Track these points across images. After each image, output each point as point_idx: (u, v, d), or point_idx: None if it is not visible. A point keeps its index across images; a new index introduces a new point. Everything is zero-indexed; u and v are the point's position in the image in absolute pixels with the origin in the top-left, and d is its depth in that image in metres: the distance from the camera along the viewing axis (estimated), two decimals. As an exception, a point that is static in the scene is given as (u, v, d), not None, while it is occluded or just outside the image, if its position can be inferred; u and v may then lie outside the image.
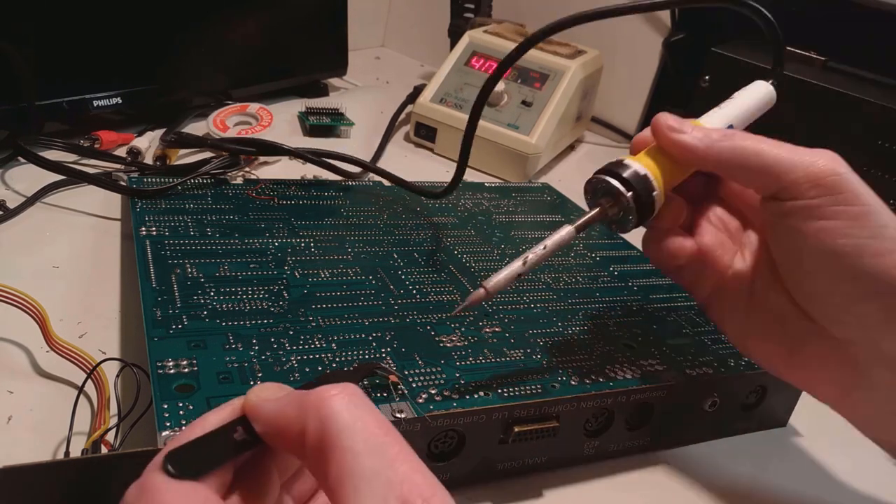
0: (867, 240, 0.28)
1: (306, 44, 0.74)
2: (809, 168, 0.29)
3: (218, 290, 0.36)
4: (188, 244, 0.40)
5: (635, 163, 0.32)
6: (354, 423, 0.19)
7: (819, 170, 0.29)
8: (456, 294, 0.40)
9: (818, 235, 0.29)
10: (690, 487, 0.35)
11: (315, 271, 0.40)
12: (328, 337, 0.34)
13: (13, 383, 0.34)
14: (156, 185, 0.46)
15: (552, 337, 0.38)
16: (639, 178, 0.31)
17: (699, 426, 0.37)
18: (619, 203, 0.32)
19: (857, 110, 0.57)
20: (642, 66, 0.80)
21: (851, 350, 0.30)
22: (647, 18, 0.78)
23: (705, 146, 0.31)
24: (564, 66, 0.68)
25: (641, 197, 0.31)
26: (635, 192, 0.31)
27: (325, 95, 0.76)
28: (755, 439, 0.39)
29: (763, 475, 0.37)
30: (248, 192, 0.48)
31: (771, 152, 0.30)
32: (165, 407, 0.28)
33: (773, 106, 0.36)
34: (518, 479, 0.33)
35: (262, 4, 0.68)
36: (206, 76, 0.65)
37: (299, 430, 0.20)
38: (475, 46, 0.71)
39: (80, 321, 0.38)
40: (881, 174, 0.56)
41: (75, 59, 0.55)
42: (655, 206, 0.32)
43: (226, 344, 0.32)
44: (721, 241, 0.34)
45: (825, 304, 0.30)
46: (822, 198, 0.28)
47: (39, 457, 0.30)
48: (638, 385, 0.34)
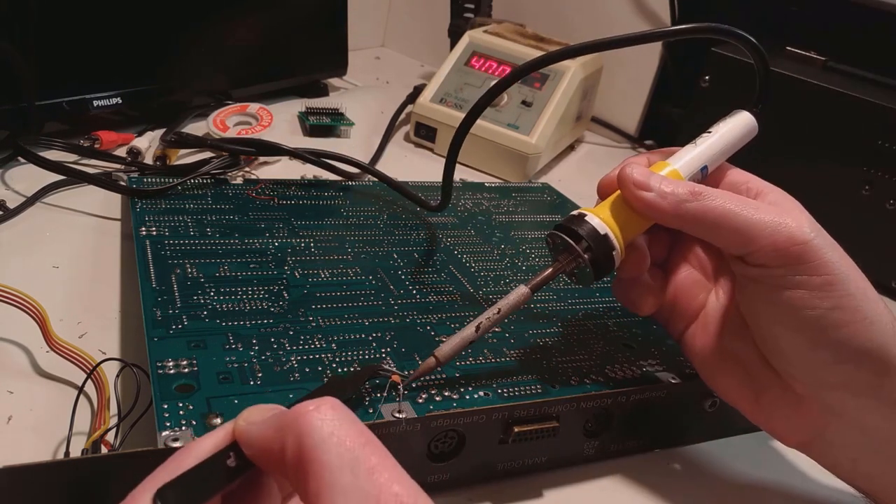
0: (829, 311, 0.28)
1: (306, 44, 0.74)
2: (774, 236, 0.29)
3: (218, 290, 0.36)
4: (188, 244, 0.40)
5: (595, 218, 0.31)
6: (330, 437, 0.19)
7: (785, 238, 0.29)
8: (456, 294, 0.40)
9: (781, 304, 0.29)
10: (690, 487, 0.35)
11: (315, 271, 0.40)
12: (328, 337, 0.34)
13: (13, 383, 0.34)
14: (156, 185, 0.46)
15: (552, 337, 0.38)
16: (598, 237, 0.31)
17: (699, 426, 0.37)
18: (577, 262, 0.31)
19: (857, 110, 0.57)
20: (642, 66, 0.80)
21: (813, 405, 0.31)
22: (647, 18, 0.78)
23: (672, 207, 0.30)
24: (564, 66, 0.68)
25: (599, 258, 0.31)
26: (593, 253, 0.31)
27: (325, 95, 0.76)
28: (755, 439, 0.39)
29: (763, 475, 0.37)
30: (248, 192, 0.48)
31: (739, 216, 0.29)
32: (165, 407, 0.28)
33: (773, 106, 0.36)
34: (518, 479, 0.33)
35: (262, 4, 0.68)
36: (206, 76, 0.65)
37: (280, 449, 0.20)
38: (475, 46, 0.71)
39: (80, 321, 0.38)
40: (881, 174, 0.56)
41: (75, 59, 0.55)
42: (615, 263, 0.32)
43: (226, 344, 0.32)
44: (695, 279, 0.34)
45: (787, 363, 0.30)
46: (785, 267, 0.29)
47: (39, 457, 0.30)
48: (638, 385, 0.34)
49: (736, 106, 0.36)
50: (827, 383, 0.30)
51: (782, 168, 0.61)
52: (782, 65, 0.61)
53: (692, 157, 0.33)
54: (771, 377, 0.31)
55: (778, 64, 0.61)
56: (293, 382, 0.31)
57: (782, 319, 0.29)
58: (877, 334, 0.28)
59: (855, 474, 0.32)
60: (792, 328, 0.29)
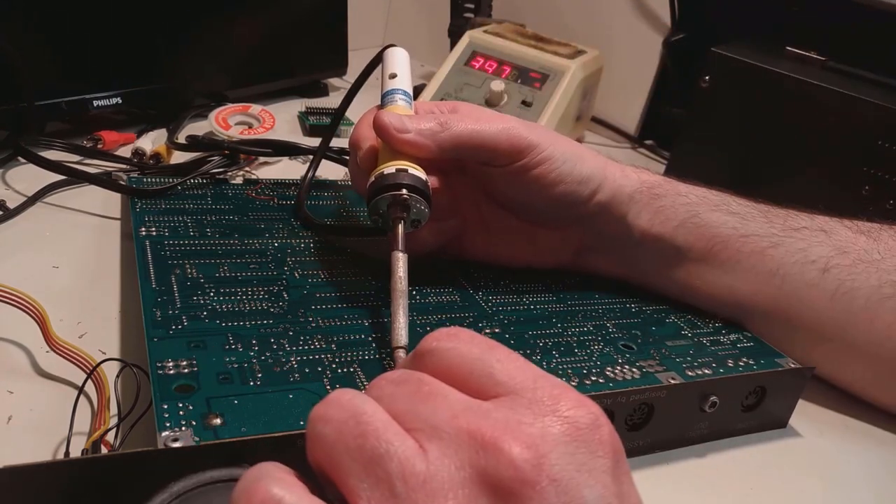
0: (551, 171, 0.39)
1: (306, 44, 0.74)
2: (511, 140, 0.38)
3: (218, 290, 0.36)
4: (188, 244, 0.40)
5: (384, 169, 0.36)
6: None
7: (516, 136, 0.38)
8: (455, 296, 0.40)
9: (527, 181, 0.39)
10: (690, 488, 0.35)
11: (315, 272, 0.40)
12: (328, 337, 0.34)
13: (13, 383, 0.34)
14: (156, 185, 0.46)
15: (552, 338, 0.38)
16: (402, 174, 0.36)
17: (699, 426, 0.37)
18: (407, 204, 0.35)
19: (857, 110, 0.57)
20: (642, 66, 0.80)
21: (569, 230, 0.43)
22: (647, 18, 0.78)
23: (432, 141, 0.37)
24: (564, 66, 0.68)
25: (418, 186, 0.36)
26: (409, 188, 0.35)
27: (325, 95, 0.76)
28: (755, 439, 0.39)
29: (763, 475, 0.37)
30: (248, 192, 0.48)
31: (483, 132, 0.37)
32: (165, 407, 0.28)
33: (774, 106, 0.36)
34: (518, 480, 0.33)
35: (262, 4, 0.68)
36: (206, 76, 0.65)
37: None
38: (475, 46, 0.71)
39: (80, 321, 0.38)
40: (881, 174, 0.56)
41: (75, 59, 0.56)
42: (428, 183, 0.37)
43: (226, 344, 0.32)
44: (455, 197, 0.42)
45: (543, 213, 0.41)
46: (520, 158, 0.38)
47: (39, 457, 0.30)
48: (638, 385, 0.34)
49: (736, 106, 0.36)
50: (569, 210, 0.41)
51: (783, 168, 0.61)
52: (782, 65, 0.61)
53: (407, 96, 0.40)
54: (535, 229, 0.42)
55: (778, 64, 0.61)
56: (293, 383, 0.31)
57: (528, 189, 0.39)
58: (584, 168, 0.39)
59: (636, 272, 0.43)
60: (535, 191, 0.39)
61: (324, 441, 0.20)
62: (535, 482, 0.19)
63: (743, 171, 0.64)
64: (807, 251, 0.40)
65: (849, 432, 0.41)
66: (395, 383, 0.22)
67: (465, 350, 0.22)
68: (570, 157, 0.39)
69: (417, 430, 0.20)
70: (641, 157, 0.79)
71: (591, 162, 0.40)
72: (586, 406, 0.21)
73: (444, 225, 0.42)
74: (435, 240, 0.41)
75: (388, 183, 0.35)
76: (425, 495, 0.19)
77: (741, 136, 0.64)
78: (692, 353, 0.38)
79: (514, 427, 0.20)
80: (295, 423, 0.28)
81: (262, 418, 0.28)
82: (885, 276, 0.39)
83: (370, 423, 0.20)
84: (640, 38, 0.79)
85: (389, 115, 0.37)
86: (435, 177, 0.40)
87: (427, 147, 0.37)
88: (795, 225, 0.41)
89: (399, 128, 0.36)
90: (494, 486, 0.19)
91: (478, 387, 0.21)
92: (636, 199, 0.41)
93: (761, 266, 0.41)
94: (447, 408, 0.20)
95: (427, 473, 0.19)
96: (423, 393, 0.21)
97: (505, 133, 0.38)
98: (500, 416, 0.20)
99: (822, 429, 0.40)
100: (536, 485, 0.19)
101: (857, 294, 0.39)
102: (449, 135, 0.37)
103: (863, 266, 0.40)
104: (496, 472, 0.19)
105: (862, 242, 0.41)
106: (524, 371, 0.22)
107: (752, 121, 0.63)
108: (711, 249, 0.41)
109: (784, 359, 0.39)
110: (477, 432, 0.19)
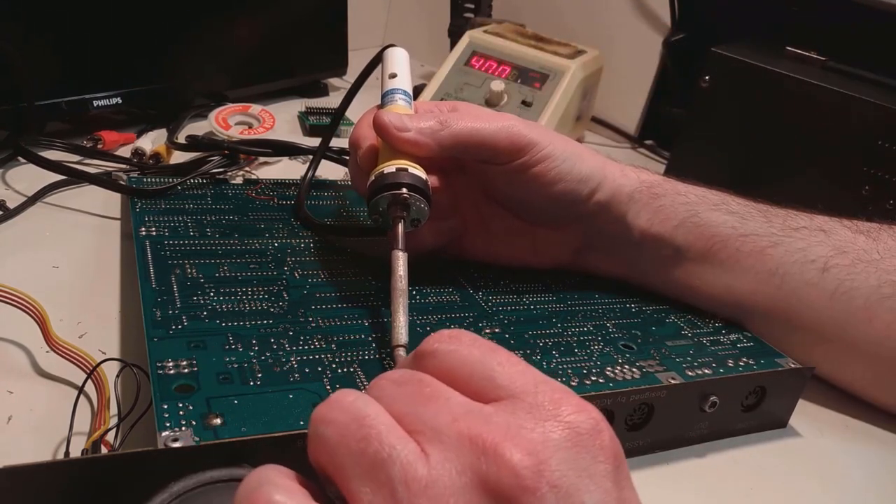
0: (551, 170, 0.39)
1: (306, 44, 0.74)
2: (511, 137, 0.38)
3: (218, 290, 0.36)
4: (188, 244, 0.40)
5: (383, 168, 0.36)
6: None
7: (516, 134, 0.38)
8: (456, 296, 0.40)
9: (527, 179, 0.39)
10: (690, 488, 0.35)
11: (315, 272, 0.40)
12: (328, 337, 0.34)
13: (13, 383, 0.34)
14: (155, 185, 0.46)
15: (552, 338, 0.38)
16: (402, 174, 0.36)
17: (699, 426, 0.37)
18: (407, 202, 0.35)
19: (857, 110, 0.57)
20: (642, 66, 0.80)
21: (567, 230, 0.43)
22: (647, 18, 0.78)
23: (432, 140, 0.37)
24: (564, 66, 0.68)
25: (417, 185, 0.35)
26: (409, 187, 0.35)
27: (325, 95, 0.76)
28: (755, 439, 0.39)
29: (763, 475, 0.37)
30: (248, 192, 0.48)
31: (483, 130, 0.37)
32: (165, 407, 0.28)
33: (774, 106, 0.36)
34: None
35: (262, 4, 0.68)
36: (206, 76, 0.65)
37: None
38: (475, 46, 0.71)
39: (80, 321, 0.38)
40: (881, 174, 0.56)
41: (75, 58, 0.56)
42: (428, 182, 0.37)
43: (226, 344, 0.32)
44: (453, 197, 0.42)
45: (541, 212, 0.41)
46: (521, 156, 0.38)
47: (39, 457, 0.30)
48: (638, 385, 0.34)
49: (736, 106, 0.36)
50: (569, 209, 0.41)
51: (783, 168, 0.61)
52: (782, 65, 0.61)
53: (407, 95, 0.40)
54: (535, 229, 0.43)
55: (778, 64, 0.61)
56: (293, 383, 0.31)
57: (528, 187, 0.39)
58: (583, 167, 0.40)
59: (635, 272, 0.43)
60: (535, 190, 0.39)
61: (326, 443, 0.20)
62: (536, 489, 0.19)
63: (743, 171, 0.64)
64: (806, 251, 0.40)
65: (849, 432, 0.41)
66: (396, 384, 0.22)
67: (467, 352, 0.22)
68: (569, 156, 0.39)
69: (418, 433, 0.20)
70: (641, 157, 0.79)
71: (590, 161, 0.40)
72: (587, 411, 0.21)
73: (444, 224, 0.42)
74: (435, 239, 0.41)
75: (388, 182, 0.35)
76: (427, 500, 0.19)
77: (741, 136, 0.64)
78: (692, 353, 0.38)
79: (515, 433, 0.20)
80: (295, 423, 0.28)
81: (262, 418, 0.28)
82: (884, 275, 0.39)
83: (373, 426, 0.20)
84: (640, 38, 0.79)
85: (389, 115, 0.37)
86: (435, 176, 0.40)
87: (427, 146, 0.37)
88: (795, 225, 0.41)
89: (399, 127, 0.36)
90: (495, 492, 0.19)
91: (478, 389, 0.21)
92: (635, 198, 0.41)
93: (761, 266, 0.41)
94: (448, 411, 0.20)
95: (429, 478, 0.19)
96: (425, 395, 0.21)
97: (505, 131, 0.38)
98: (500, 420, 0.20)
99: (822, 429, 0.40)
100: (537, 491, 0.19)
101: (856, 294, 0.39)
102: (449, 133, 0.37)
103: (862, 266, 0.40)
104: (497, 478, 0.19)
105: (861, 242, 0.41)
106: (525, 375, 0.22)
107: (752, 121, 0.63)
108: (711, 249, 0.41)
109: (784, 359, 0.39)
110: (478, 437, 0.19)
